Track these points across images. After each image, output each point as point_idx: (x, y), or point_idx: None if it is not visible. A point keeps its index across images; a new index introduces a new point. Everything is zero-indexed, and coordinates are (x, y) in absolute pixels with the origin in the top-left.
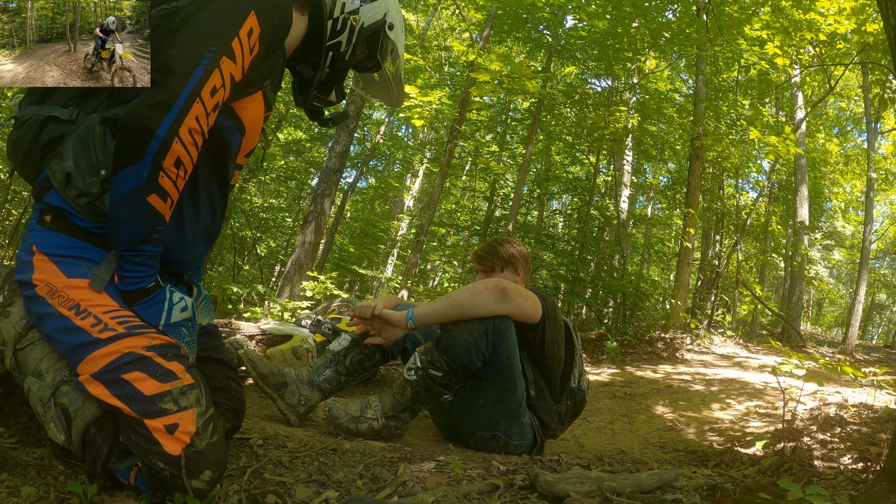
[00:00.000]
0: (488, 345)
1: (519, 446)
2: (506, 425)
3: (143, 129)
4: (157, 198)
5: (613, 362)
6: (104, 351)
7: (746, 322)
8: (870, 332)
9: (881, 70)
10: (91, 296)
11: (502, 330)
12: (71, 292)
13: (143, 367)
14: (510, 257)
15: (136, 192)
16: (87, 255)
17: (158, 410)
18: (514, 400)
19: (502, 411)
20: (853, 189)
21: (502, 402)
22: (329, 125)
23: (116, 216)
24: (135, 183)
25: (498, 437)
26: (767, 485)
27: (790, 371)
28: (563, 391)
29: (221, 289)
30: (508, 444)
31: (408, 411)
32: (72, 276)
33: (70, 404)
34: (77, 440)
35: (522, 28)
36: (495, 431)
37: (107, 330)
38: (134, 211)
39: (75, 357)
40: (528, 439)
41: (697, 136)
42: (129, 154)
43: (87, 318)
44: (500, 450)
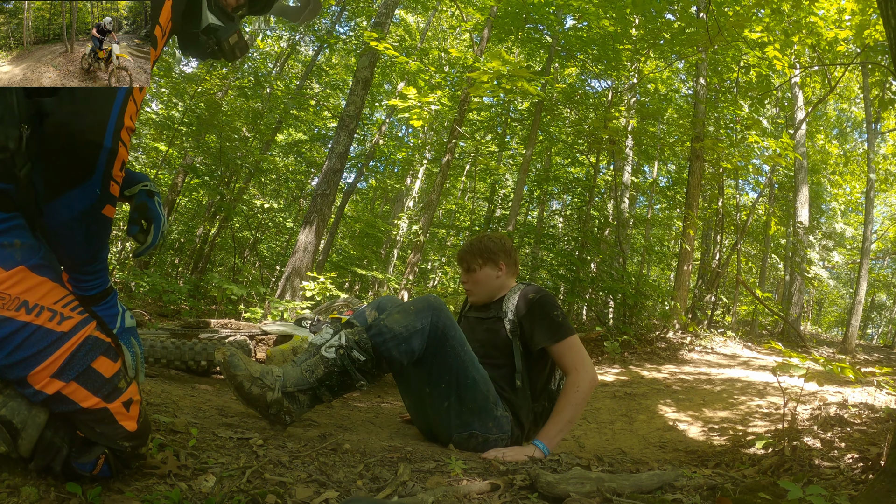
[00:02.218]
0: (425, 346)
1: (500, 440)
2: (479, 422)
3: (87, 144)
4: (109, 207)
5: (614, 362)
6: (68, 345)
7: (747, 322)
8: (869, 333)
9: (881, 71)
10: (33, 283)
11: (444, 330)
12: (13, 289)
13: (102, 350)
14: (486, 252)
15: (91, 208)
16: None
17: (116, 390)
18: (480, 395)
19: (470, 409)
20: (853, 190)
21: (467, 400)
22: (234, 56)
23: (72, 237)
24: (88, 201)
25: (475, 435)
26: (767, 485)
27: (790, 371)
28: (543, 392)
29: (221, 289)
30: (489, 440)
31: (309, 393)
32: (7, 266)
33: (13, 415)
34: (29, 448)
35: (522, 28)
36: (471, 430)
37: (65, 320)
38: (91, 228)
39: (30, 363)
40: (506, 431)
41: (697, 137)
42: (77, 173)
43: (43, 312)
44: (482, 447)
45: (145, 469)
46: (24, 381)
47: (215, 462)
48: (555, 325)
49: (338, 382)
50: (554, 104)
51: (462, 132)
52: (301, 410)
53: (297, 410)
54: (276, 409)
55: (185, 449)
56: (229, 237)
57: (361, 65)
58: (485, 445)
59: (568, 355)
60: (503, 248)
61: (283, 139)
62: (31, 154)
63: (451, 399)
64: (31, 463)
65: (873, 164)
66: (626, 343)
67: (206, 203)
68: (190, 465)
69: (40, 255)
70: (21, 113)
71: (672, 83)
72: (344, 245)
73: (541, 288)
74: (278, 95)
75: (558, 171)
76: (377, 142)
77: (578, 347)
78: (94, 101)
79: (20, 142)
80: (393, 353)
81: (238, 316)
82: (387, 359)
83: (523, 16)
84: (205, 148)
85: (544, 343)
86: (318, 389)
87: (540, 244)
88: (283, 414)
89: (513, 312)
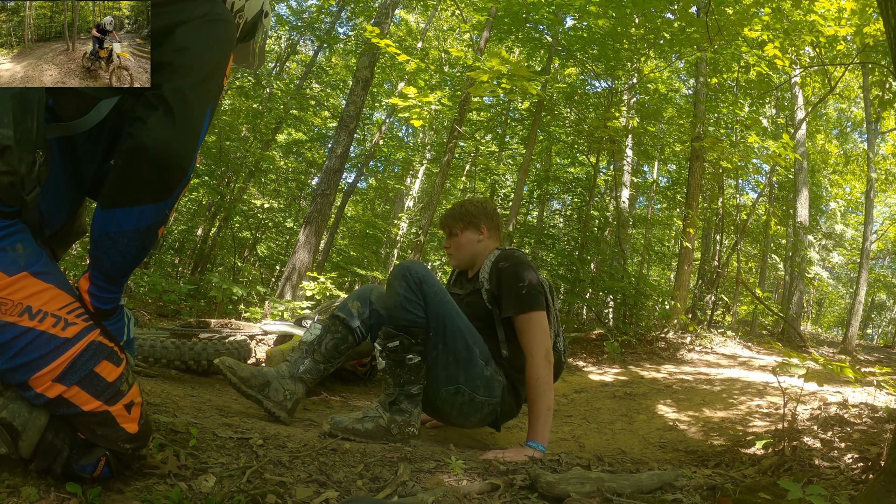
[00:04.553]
0: (416, 293)
1: (487, 403)
2: (466, 377)
3: (180, 170)
4: (163, 227)
5: (613, 362)
6: (71, 350)
7: (747, 322)
8: (869, 333)
9: (881, 71)
10: (37, 289)
11: (420, 272)
12: (15, 295)
13: (106, 355)
14: (468, 215)
15: (154, 225)
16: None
17: (118, 393)
18: (465, 347)
19: (457, 361)
20: (853, 190)
21: (453, 350)
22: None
23: (127, 247)
24: (156, 218)
25: (462, 391)
26: (767, 485)
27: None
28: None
29: (222, 289)
30: (475, 399)
31: (406, 400)
32: (10, 272)
33: (13, 417)
34: (29, 450)
35: (522, 28)
36: (458, 384)
37: (69, 326)
38: (146, 243)
39: (31, 368)
40: (496, 396)
41: (697, 137)
42: (159, 191)
43: (46, 318)
44: (468, 406)
45: (145, 469)
46: (25, 384)
47: (215, 462)
48: (516, 297)
49: (404, 371)
50: (554, 104)
51: (462, 132)
52: (412, 416)
53: (409, 418)
54: (395, 429)
55: (185, 449)
56: (229, 237)
57: (361, 65)
58: (471, 406)
59: (526, 333)
60: (484, 211)
61: (284, 139)
62: (41, 181)
63: (438, 348)
64: (31, 464)
65: (873, 164)
66: (625, 343)
67: (206, 203)
68: (190, 465)
69: (42, 262)
70: (38, 139)
71: (672, 83)
72: (344, 245)
73: (513, 255)
74: (278, 95)
75: (558, 171)
76: (377, 142)
77: (536, 325)
78: (190, 131)
79: (32, 167)
80: (406, 316)
81: (238, 316)
82: (408, 323)
83: (523, 15)
84: (204, 148)
85: (508, 314)
86: (404, 390)
87: (540, 244)
88: (402, 428)
89: (487, 281)
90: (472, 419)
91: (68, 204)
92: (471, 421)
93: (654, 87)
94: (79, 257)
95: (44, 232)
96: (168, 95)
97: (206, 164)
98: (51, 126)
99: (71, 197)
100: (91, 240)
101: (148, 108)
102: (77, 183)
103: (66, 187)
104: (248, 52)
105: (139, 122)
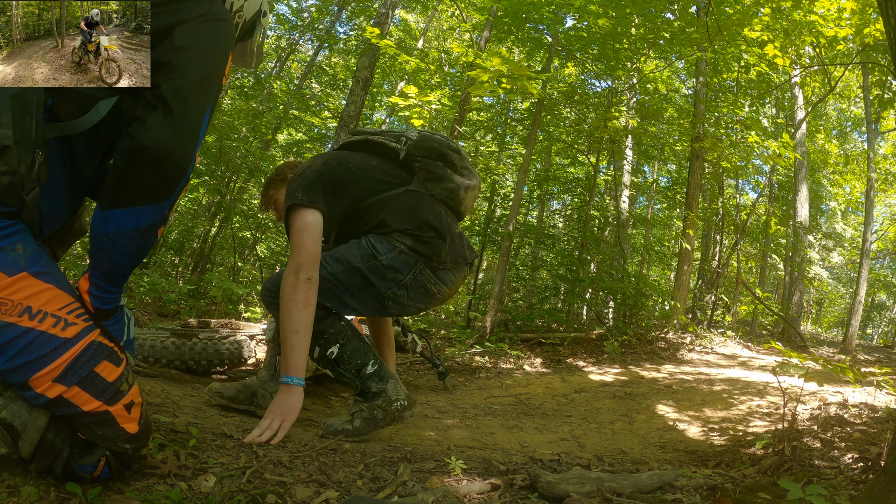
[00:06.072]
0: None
1: (390, 268)
2: (381, 284)
3: (179, 170)
4: (162, 227)
5: (613, 362)
6: (71, 351)
7: (747, 322)
8: (869, 333)
9: (881, 70)
10: (37, 290)
11: (273, 282)
12: (15, 295)
13: (106, 355)
14: (272, 180)
15: (154, 226)
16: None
17: (118, 393)
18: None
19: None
20: (853, 190)
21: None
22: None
23: (127, 247)
24: (156, 218)
25: (396, 295)
26: (767, 485)
27: (790, 371)
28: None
29: (222, 289)
30: (398, 296)
31: (370, 381)
32: (10, 272)
33: (13, 418)
34: (29, 450)
35: (522, 28)
36: (384, 294)
37: (69, 326)
38: (145, 243)
39: (31, 368)
40: (402, 271)
41: (697, 136)
42: (158, 191)
43: (46, 318)
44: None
45: (145, 469)
46: (25, 384)
47: (215, 462)
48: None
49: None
50: (554, 104)
51: (462, 132)
52: (388, 392)
53: (387, 395)
54: (380, 413)
55: (185, 449)
56: (229, 237)
57: (361, 65)
58: (405, 292)
59: (290, 232)
60: (287, 166)
61: (284, 139)
62: (40, 181)
63: (337, 307)
64: (31, 464)
65: (873, 163)
66: (625, 343)
67: (206, 203)
68: (190, 465)
69: (42, 262)
70: (37, 139)
71: (672, 83)
72: None
73: (307, 168)
74: (278, 95)
75: (558, 171)
76: None
77: (293, 225)
78: (190, 131)
79: (32, 167)
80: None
81: (238, 316)
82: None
83: (523, 15)
84: (204, 148)
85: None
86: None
87: (540, 244)
88: (392, 407)
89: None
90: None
91: (68, 204)
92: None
93: (654, 87)
94: (79, 257)
95: (44, 232)
96: (167, 95)
97: (206, 164)
98: (50, 126)
99: (71, 197)
100: (91, 240)
101: (147, 107)
102: (76, 183)
103: (65, 187)
104: (246, 51)
105: (138, 122)
